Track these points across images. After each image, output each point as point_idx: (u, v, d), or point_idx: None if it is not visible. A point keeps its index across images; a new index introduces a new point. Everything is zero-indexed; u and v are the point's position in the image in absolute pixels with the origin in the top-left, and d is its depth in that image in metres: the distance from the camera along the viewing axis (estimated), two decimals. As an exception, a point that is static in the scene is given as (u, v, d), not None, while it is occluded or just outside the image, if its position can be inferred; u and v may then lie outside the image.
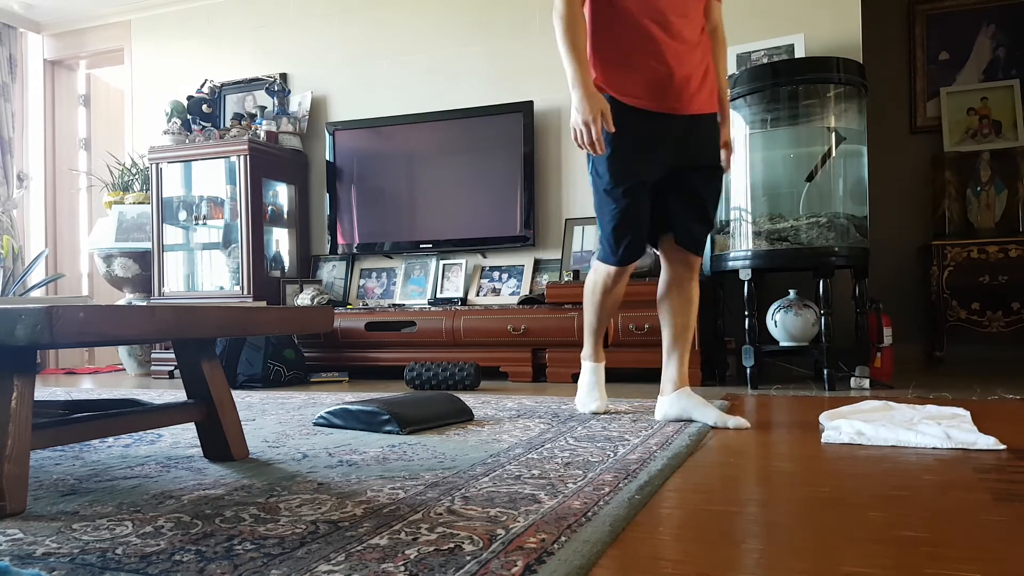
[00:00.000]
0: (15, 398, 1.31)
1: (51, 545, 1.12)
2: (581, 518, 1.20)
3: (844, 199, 3.13)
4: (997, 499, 1.32)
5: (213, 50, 4.89)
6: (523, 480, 1.48)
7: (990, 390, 2.87)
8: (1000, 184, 4.29)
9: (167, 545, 1.10)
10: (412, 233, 4.22)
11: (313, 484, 1.48)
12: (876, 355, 3.16)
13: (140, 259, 4.48)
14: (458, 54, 4.29)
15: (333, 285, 4.44)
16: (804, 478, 1.51)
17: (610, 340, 3.43)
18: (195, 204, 4.38)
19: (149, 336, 1.36)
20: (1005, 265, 4.05)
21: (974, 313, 4.10)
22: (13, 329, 1.14)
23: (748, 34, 3.65)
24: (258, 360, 3.70)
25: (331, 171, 4.40)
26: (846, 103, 3.16)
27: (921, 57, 4.60)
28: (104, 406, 1.81)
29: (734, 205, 3.28)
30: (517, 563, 0.99)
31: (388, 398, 2.30)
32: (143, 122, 5.08)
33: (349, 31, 4.54)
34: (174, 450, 1.90)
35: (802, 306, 3.24)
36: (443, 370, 3.39)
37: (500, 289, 4.06)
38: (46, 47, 5.42)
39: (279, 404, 2.84)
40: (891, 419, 2.03)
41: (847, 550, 1.06)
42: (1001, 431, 1.92)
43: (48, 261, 5.32)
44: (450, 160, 4.15)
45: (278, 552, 1.06)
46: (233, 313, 1.51)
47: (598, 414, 2.38)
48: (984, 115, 4.42)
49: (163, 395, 3.28)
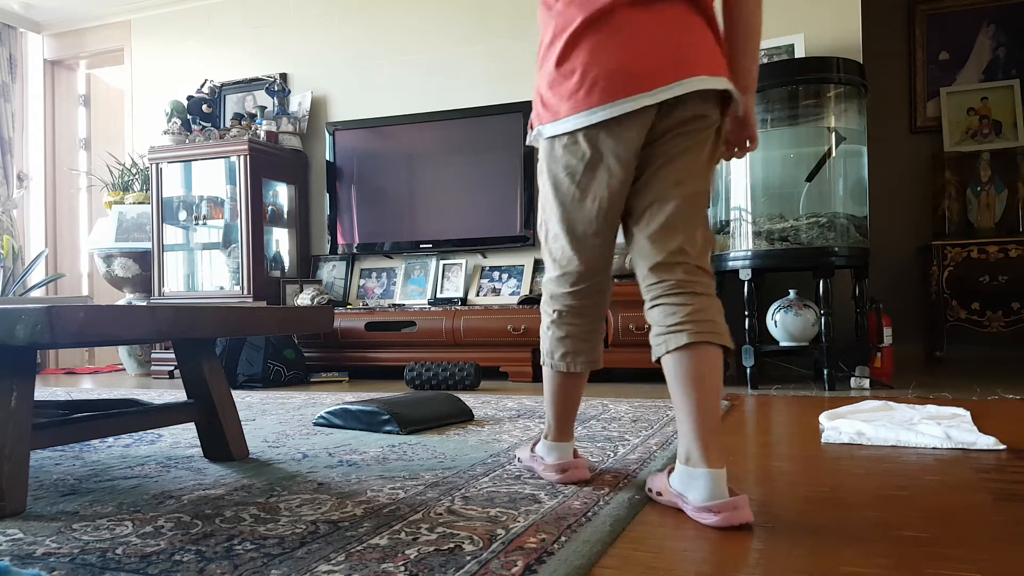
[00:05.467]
0: (15, 398, 1.31)
1: (51, 545, 1.12)
2: (581, 518, 1.20)
3: (844, 199, 3.13)
4: (997, 499, 1.32)
5: (213, 50, 4.89)
6: (523, 480, 1.48)
7: (990, 390, 2.87)
8: (1000, 184, 4.29)
9: (167, 545, 1.10)
10: (412, 233, 4.22)
11: (313, 484, 1.48)
12: (876, 355, 3.16)
13: (140, 259, 4.48)
14: (458, 54, 4.29)
15: (333, 285, 4.44)
16: (804, 478, 1.51)
17: (610, 340, 3.43)
18: (195, 204, 4.37)
19: (149, 336, 1.36)
20: (1005, 265, 4.04)
21: (974, 313, 4.10)
22: (13, 329, 1.14)
23: (748, 34, 3.65)
24: (258, 360, 3.70)
25: (331, 171, 4.40)
26: (846, 103, 3.16)
27: (921, 57, 4.60)
28: (104, 406, 1.82)
29: (734, 205, 3.28)
30: (517, 563, 0.99)
31: (388, 398, 2.30)
32: (143, 122, 5.08)
33: (349, 31, 4.54)
34: (174, 450, 1.90)
35: (802, 306, 3.24)
36: (443, 370, 3.39)
37: (500, 289, 4.06)
38: (46, 47, 5.42)
39: (279, 404, 2.84)
40: (891, 419, 2.03)
41: (847, 550, 1.06)
42: (1001, 431, 1.92)
43: (48, 261, 5.32)
44: (450, 160, 4.15)
45: (278, 552, 1.06)
46: (233, 313, 1.51)
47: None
48: (984, 115, 4.42)
49: (163, 395, 3.28)
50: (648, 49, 1.25)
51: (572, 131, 1.29)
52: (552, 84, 1.31)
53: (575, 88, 1.27)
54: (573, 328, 1.41)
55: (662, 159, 1.29)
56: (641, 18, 1.25)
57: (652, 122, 1.27)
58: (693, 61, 1.25)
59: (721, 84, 1.28)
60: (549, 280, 1.44)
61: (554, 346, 1.43)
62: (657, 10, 1.26)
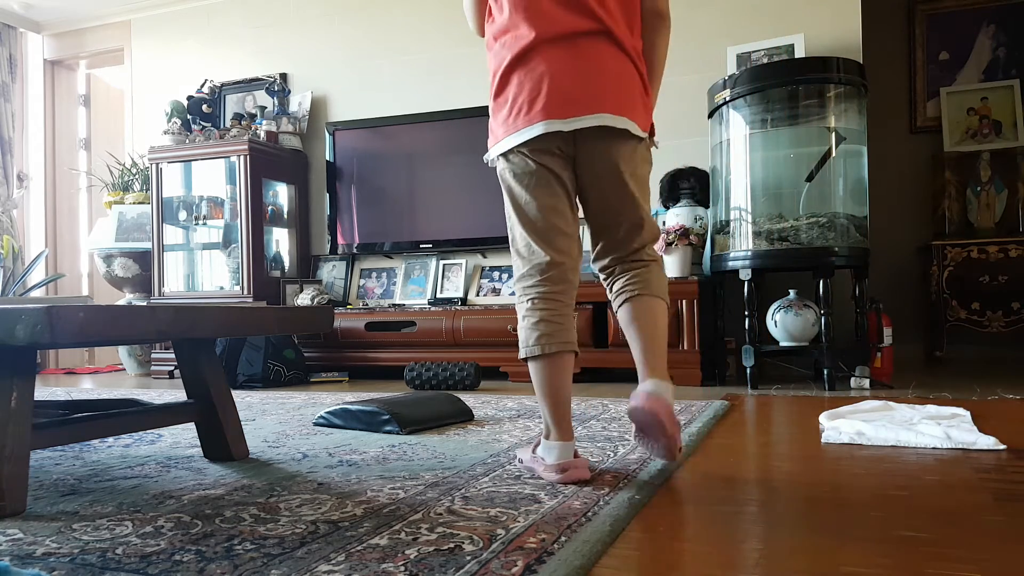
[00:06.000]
0: (14, 398, 1.31)
1: (51, 545, 1.12)
2: (581, 518, 1.20)
3: (844, 199, 3.13)
4: (997, 499, 1.32)
5: (213, 50, 4.89)
6: (523, 480, 1.48)
7: (990, 390, 2.87)
8: (1000, 184, 4.29)
9: (167, 545, 1.10)
10: (412, 233, 4.22)
11: (313, 484, 1.48)
12: (876, 355, 3.16)
13: (140, 259, 4.48)
14: (458, 54, 4.29)
15: (333, 285, 4.44)
16: (804, 478, 1.51)
17: (610, 340, 3.43)
18: (195, 204, 4.37)
19: (149, 336, 1.36)
20: (1005, 265, 4.04)
21: (974, 313, 4.10)
22: (13, 329, 1.14)
23: (748, 34, 3.65)
24: (258, 360, 3.70)
25: (331, 171, 4.40)
26: (846, 103, 3.16)
27: (921, 57, 4.60)
28: (104, 406, 1.82)
29: (734, 205, 3.28)
30: (517, 563, 0.99)
31: (388, 398, 2.30)
32: (143, 122, 5.08)
33: (349, 31, 4.54)
34: (174, 450, 1.90)
35: (802, 306, 3.24)
36: (443, 370, 3.39)
37: (500, 289, 4.06)
38: (46, 47, 5.42)
39: (279, 404, 2.84)
40: (891, 419, 2.03)
41: (847, 550, 1.06)
42: (1001, 431, 1.92)
43: (48, 261, 5.32)
44: (450, 160, 4.15)
45: (278, 552, 1.06)
46: (233, 313, 1.51)
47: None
48: (984, 115, 4.42)
49: (163, 395, 3.28)
50: (564, 83, 1.46)
51: (508, 150, 1.53)
52: (493, 113, 1.57)
53: (506, 115, 1.52)
54: (545, 312, 1.52)
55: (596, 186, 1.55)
56: (560, 55, 1.47)
57: (573, 144, 1.50)
58: (602, 98, 1.47)
59: (621, 123, 1.48)
60: (520, 277, 1.57)
61: (528, 334, 1.52)
62: (577, 46, 1.48)
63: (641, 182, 1.58)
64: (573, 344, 1.52)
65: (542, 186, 1.52)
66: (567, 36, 1.47)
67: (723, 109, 3.31)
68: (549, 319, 1.50)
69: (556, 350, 1.49)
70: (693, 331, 3.29)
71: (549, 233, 1.52)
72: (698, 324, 3.30)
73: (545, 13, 1.48)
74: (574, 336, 1.53)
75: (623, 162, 1.52)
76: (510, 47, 1.51)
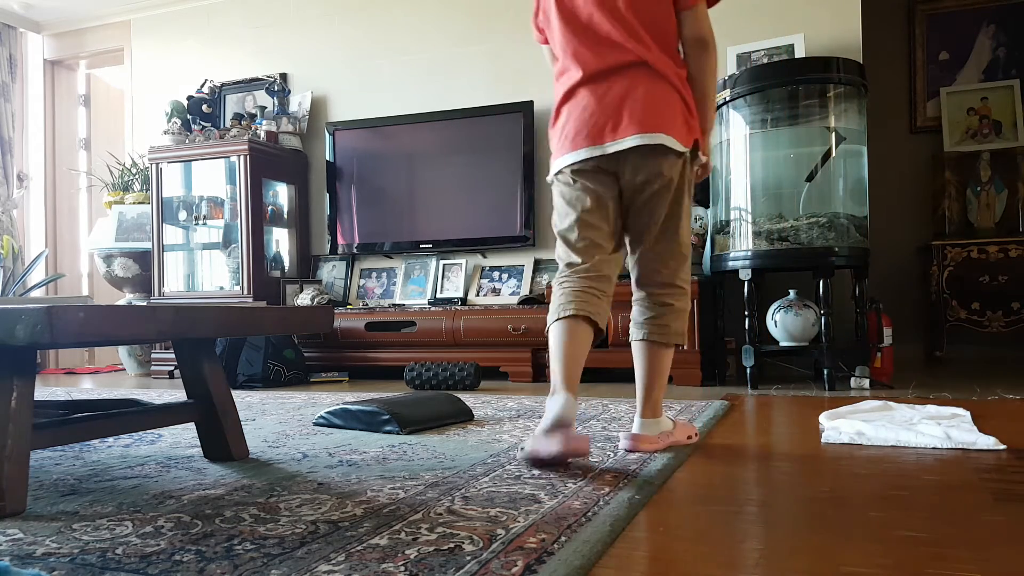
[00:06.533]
0: (15, 398, 1.31)
1: (51, 545, 1.12)
2: (581, 518, 1.20)
3: (844, 199, 3.13)
4: (997, 499, 1.32)
5: (213, 50, 4.89)
6: (523, 480, 1.48)
7: (990, 390, 2.87)
8: (1000, 184, 4.29)
9: (167, 545, 1.10)
10: (412, 233, 4.22)
11: (313, 484, 1.48)
12: (876, 355, 3.16)
13: (140, 259, 4.48)
14: (458, 54, 4.29)
15: (333, 285, 4.44)
16: (804, 478, 1.51)
17: (610, 340, 3.43)
18: (195, 204, 4.37)
19: (149, 336, 1.36)
20: (1005, 265, 4.05)
21: (974, 313, 4.10)
22: (13, 329, 1.14)
23: (748, 34, 3.65)
24: (258, 360, 3.70)
25: (331, 171, 4.40)
26: (846, 103, 3.16)
27: (921, 57, 4.60)
28: (104, 406, 1.82)
29: (734, 205, 3.28)
30: (517, 563, 0.99)
31: (388, 398, 2.30)
32: (143, 122, 5.08)
33: (349, 31, 4.54)
34: (174, 450, 1.90)
35: (802, 306, 3.24)
36: (443, 370, 3.39)
37: (500, 289, 4.06)
38: (46, 47, 5.42)
39: (279, 404, 2.84)
40: (891, 419, 2.03)
41: (847, 550, 1.06)
42: (1001, 431, 1.92)
43: (48, 261, 5.32)
44: (450, 160, 4.15)
45: (278, 552, 1.06)
46: (233, 313, 1.51)
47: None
48: (984, 115, 4.42)
49: (163, 395, 3.28)
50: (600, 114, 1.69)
51: (559, 169, 1.77)
52: (551, 139, 1.82)
53: (558, 142, 1.77)
54: (574, 289, 1.72)
55: (637, 202, 1.74)
56: (596, 92, 1.71)
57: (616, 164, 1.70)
58: (635, 120, 1.66)
59: (655, 140, 1.65)
60: (558, 274, 1.79)
61: (554, 307, 1.72)
62: (613, 80, 1.70)
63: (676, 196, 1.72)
64: (590, 313, 1.68)
65: (580, 202, 1.73)
66: (605, 72, 1.70)
67: (723, 109, 3.31)
68: (575, 293, 1.71)
69: (571, 313, 1.66)
70: (693, 331, 3.29)
71: (580, 243, 1.74)
72: (698, 324, 3.30)
73: (586, 55, 1.73)
74: (597, 309, 1.70)
75: (659, 174, 1.69)
76: (564, 84, 1.77)
